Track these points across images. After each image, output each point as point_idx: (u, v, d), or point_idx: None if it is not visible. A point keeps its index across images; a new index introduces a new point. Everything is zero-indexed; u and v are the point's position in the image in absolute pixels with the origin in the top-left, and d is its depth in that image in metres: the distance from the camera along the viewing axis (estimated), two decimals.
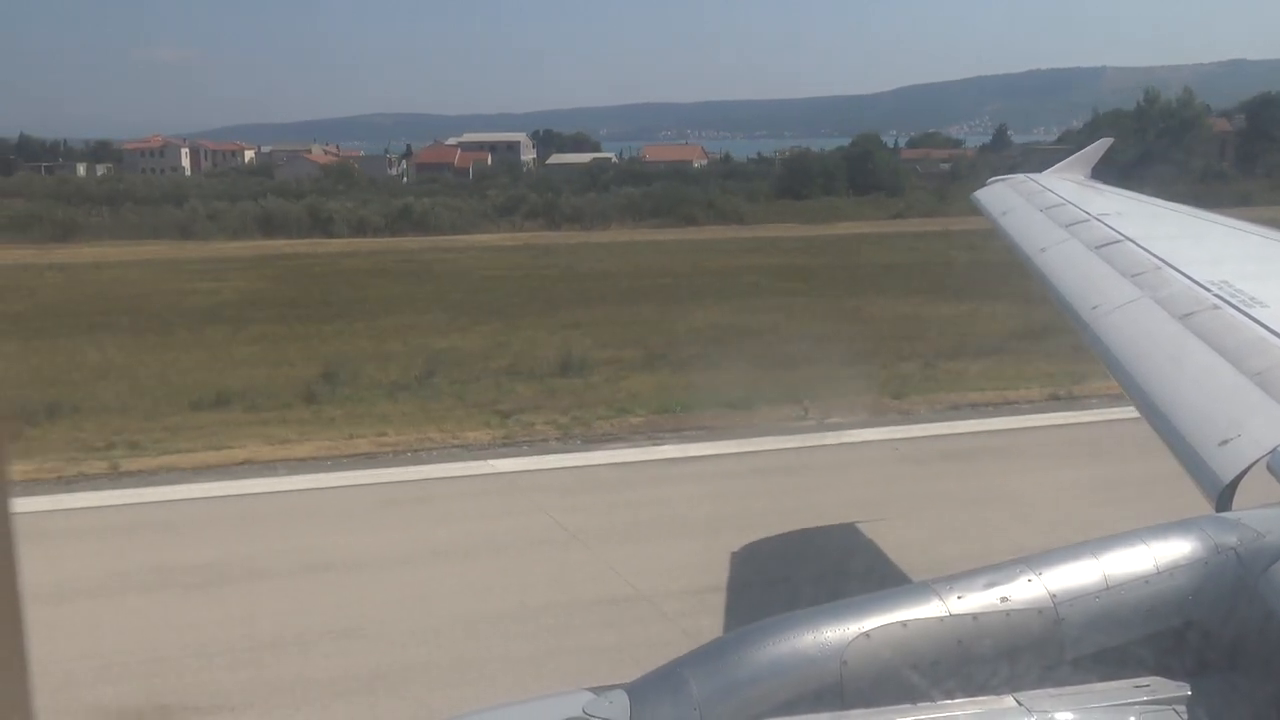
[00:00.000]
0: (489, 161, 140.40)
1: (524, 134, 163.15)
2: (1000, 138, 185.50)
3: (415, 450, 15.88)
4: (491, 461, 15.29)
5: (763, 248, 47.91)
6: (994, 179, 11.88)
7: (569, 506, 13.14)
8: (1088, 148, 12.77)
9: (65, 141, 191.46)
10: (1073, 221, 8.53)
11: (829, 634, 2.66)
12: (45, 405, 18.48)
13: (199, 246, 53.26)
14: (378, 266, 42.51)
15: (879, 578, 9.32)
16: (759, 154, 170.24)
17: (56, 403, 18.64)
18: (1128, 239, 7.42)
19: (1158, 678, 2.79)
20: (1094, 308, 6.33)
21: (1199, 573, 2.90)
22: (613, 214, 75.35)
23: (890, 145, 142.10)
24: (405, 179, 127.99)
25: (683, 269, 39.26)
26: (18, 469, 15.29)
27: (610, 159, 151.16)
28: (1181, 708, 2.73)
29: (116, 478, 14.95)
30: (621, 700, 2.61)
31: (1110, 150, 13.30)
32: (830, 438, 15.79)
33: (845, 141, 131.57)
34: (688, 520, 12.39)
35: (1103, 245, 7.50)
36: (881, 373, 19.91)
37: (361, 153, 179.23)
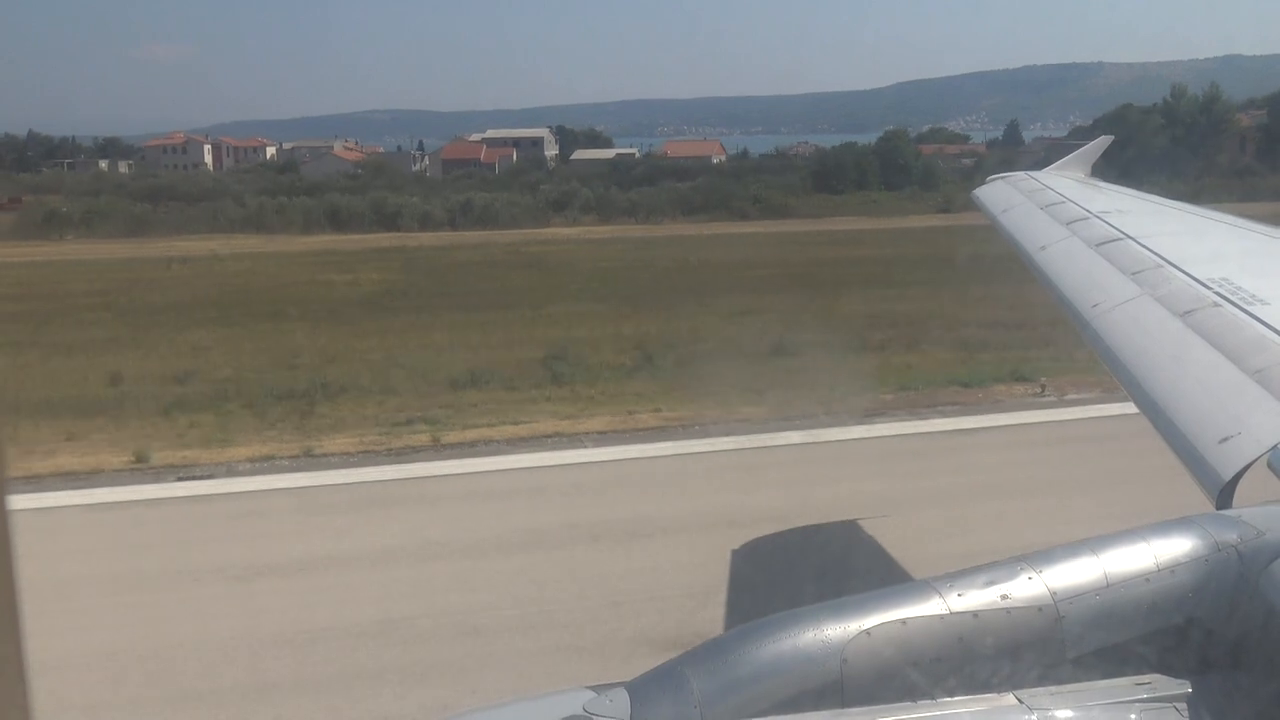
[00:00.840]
0: (514, 157, 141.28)
1: (546, 129, 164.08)
2: (1012, 133, 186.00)
3: (698, 424, 16.99)
4: (787, 434, 16.24)
5: (843, 240, 49.11)
6: (994, 177, 11.97)
7: (918, 471, 14.19)
8: (1088, 145, 12.93)
9: (74, 138, 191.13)
10: (1073, 219, 8.50)
11: (830, 632, 2.66)
12: (307, 387, 19.67)
13: (289, 240, 54.50)
14: (487, 259, 43.87)
15: None
16: (777, 149, 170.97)
17: (317, 385, 19.82)
18: (1128, 237, 7.41)
19: (1158, 675, 2.78)
20: (1094, 305, 6.31)
21: (1200, 570, 2.89)
22: (665, 208, 76.40)
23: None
24: (426, 174, 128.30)
25: (793, 260, 40.39)
26: (338, 441, 16.55)
27: (634, 154, 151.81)
28: (1182, 705, 2.71)
29: (440, 449, 16.12)
30: (622, 698, 2.61)
31: (1136, 146, 13.88)
32: (1090, 411, 16.98)
33: (843, 137, 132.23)
34: (1056, 482, 13.20)
35: (1103, 243, 7.48)
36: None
37: (381, 149, 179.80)
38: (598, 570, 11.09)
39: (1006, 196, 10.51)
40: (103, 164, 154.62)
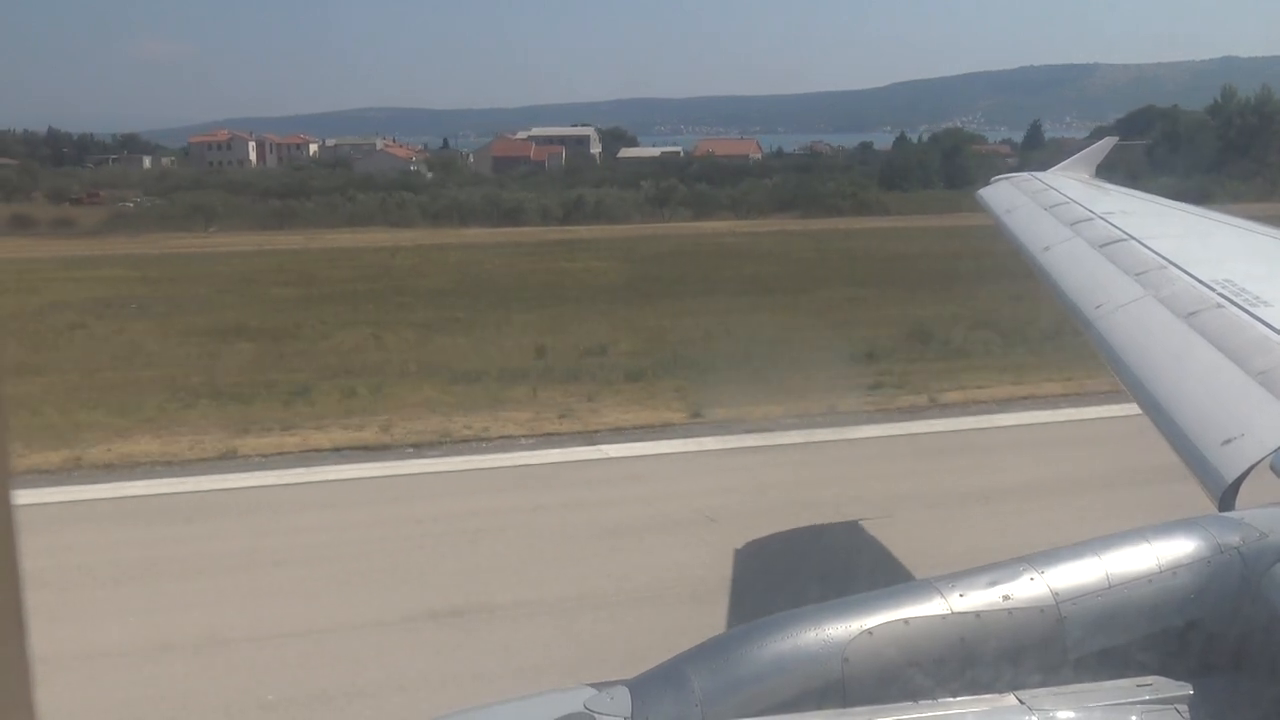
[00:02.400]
0: (563, 155, 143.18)
1: (592, 128, 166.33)
2: (1034, 134, 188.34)
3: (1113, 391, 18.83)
4: None
5: (976, 234, 50.94)
6: (998, 177, 11.93)
7: None
8: (1092, 146, 12.96)
9: (92, 135, 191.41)
10: (1077, 220, 8.49)
11: (831, 631, 2.67)
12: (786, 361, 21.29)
13: (445, 234, 56.48)
14: (678, 249, 45.92)
15: None
16: (810, 147, 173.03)
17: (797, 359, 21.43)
18: (1132, 238, 7.39)
19: (1160, 677, 2.79)
20: (1098, 306, 6.31)
21: (1202, 572, 2.89)
22: (764, 204, 78.50)
23: (893, 140, 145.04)
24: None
25: (969, 253, 42.23)
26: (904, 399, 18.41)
27: (678, 153, 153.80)
28: (1184, 707, 2.72)
29: (1007, 402, 18.11)
30: (623, 696, 2.63)
31: (1188, 147, 14.63)
32: None
33: (840, 137, 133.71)
34: None
35: (1107, 244, 7.47)
36: None
37: (420, 146, 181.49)
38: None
39: (1010, 197, 10.48)
40: (145, 161, 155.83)
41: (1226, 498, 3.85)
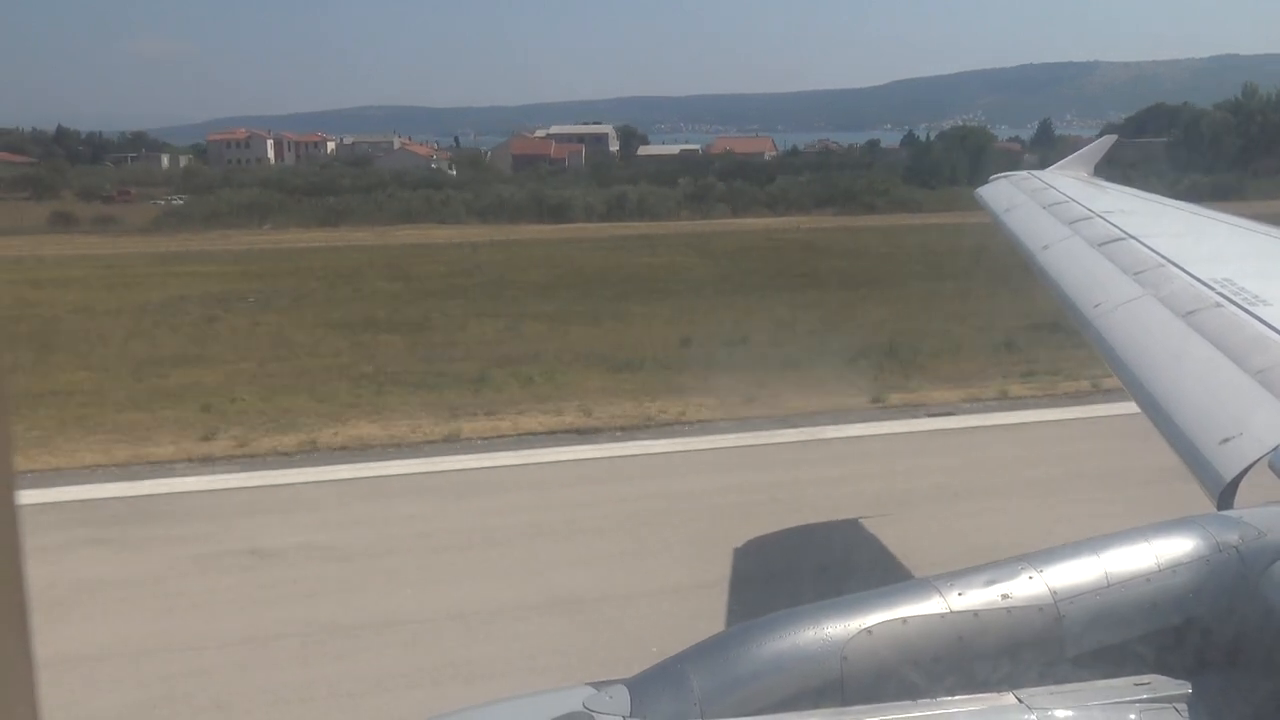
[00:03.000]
0: (583, 154, 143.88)
1: (610, 127, 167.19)
2: (1045, 131, 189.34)
3: None
4: None
5: None
6: (997, 176, 12.01)
7: None
8: (1091, 144, 12.98)
9: (100, 133, 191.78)
10: (1076, 219, 8.49)
11: (830, 630, 2.68)
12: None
13: (510, 229, 57.21)
14: (748, 245, 46.77)
15: None
16: (825, 144, 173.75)
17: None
18: (1131, 236, 7.40)
19: (1158, 676, 2.80)
20: (1096, 305, 6.32)
21: (1200, 571, 2.90)
22: (802, 201, 79.26)
23: (900, 139, 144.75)
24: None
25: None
26: None
27: (696, 151, 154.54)
28: (1182, 706, 2.73)
29: None
30: (622, 695, 2.63)
31: (1209, 144, 14.80)
32: None
33: (841, 135, 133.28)
34: None
35: (1105, 243, 7.47)
36: None
37: (435, 145, 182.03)
38: None
39: (1009, 196, 10.52)
40: (164, 159, 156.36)
41: (1225, 496, 3.84)
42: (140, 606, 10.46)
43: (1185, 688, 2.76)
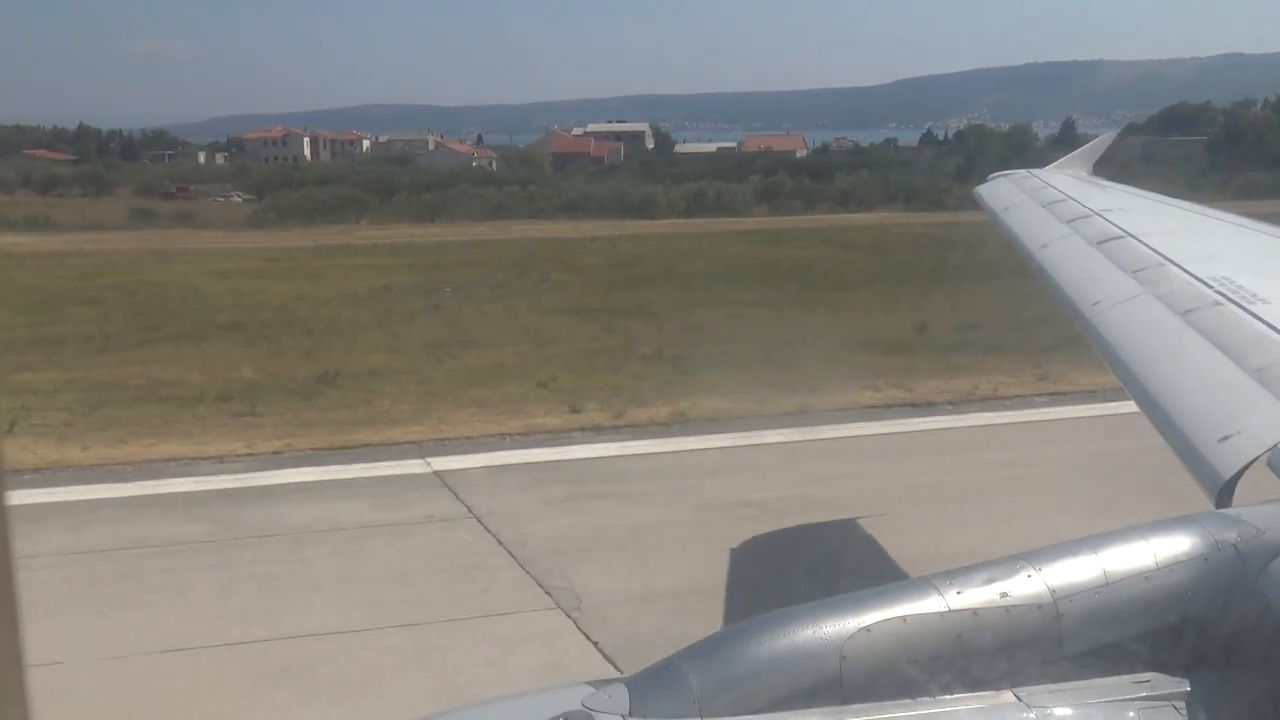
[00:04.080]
0: (622, 151, 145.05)
1: (647, 125, 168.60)
2: (1068, 130, 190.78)
3: None
4: None
5: None
6: (995, 174, 11.97)
7: None
8: (1091, 143, 12.97)
9: (121, 130, 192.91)
10: (1074, 217, 8.51)
11: (829, 629, 2.70)
12: None
13: (614, 225, 58.14)
14: (877, 239, 47.31)
15: None
16: (854, 143, 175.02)
17: None
18: (1129, 235, 7.42)
19: (1157, 674, 2.81)
20: (1095, 304, 6.35)
21: (1198, 569, 2.92)
22: (874, 198, 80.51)
23: (911, 138, 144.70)
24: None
25: None
26: None
27: (733, 148, 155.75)
28: (1181, 704, 2.75)
29: None
30: (620, 693, 2.65)
31: (1253, 144, 14.34)
32: None
33: (846, 134, 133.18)
34: None
35: (1104, 241, 7.48)
36: None
37: (467, 142, 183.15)
38: None
39: (1008, 194, 10.57)
40: (200, 156, 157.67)
41: (1223, 494, 3.84)
42: (700, 547, 11.68)
43: (1184, 685, 2.77)
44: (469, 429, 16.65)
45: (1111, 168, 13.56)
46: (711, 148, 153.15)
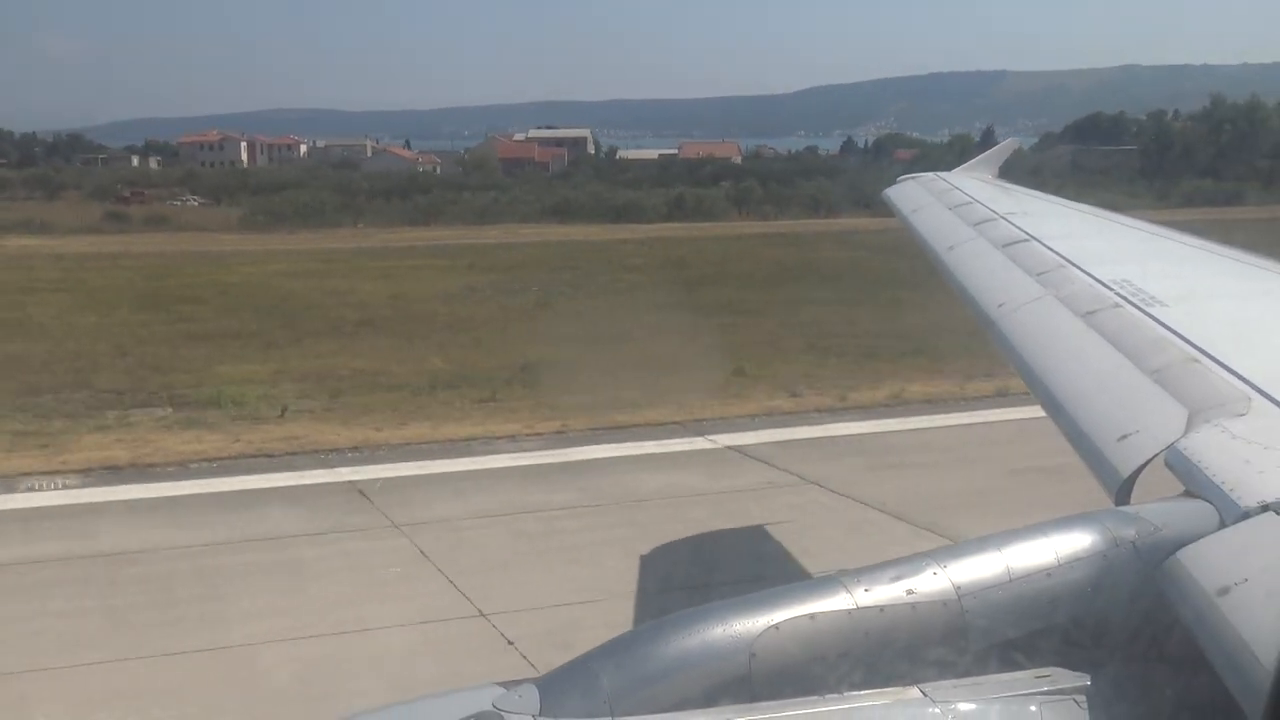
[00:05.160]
0: (565, 157, 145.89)
1: (588, 129, 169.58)
2: (988, 138, 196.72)
3: None
4: None
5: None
6: (904, 177, 12.14)
7: None
8: (995, 147, 13.24)
9: (34, 133, 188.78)
10: (980, 220, 8.62)
11: (738, 627, 2.71)
12: None
13: (604, 230, 59.25)
14: (891, 243, 48.93)
15: None
16: (789, 150, 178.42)
17: None
18: (1033, 238, 7.55)
19: (1058, 668, 2.86)
20: (1000, 305, 6.45)
21: (1098, 565, 2.97)
22: (841, 203, 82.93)
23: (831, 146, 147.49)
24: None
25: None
26: None
27: (675, 154, 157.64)
28: (1081, 698, 2.79)
29: None
30: (531, 694, 2.64)
31: (1182, 154, 15.68)
32: None
33: (757, 141, 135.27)
34: None
35: (1009, 244, 7.61)
36: None
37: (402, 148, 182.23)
38: None
39: (916, 196, 10.63)
40: (134, 160, 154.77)
41: (1122, 492, 3.91)
42: (1050, 504, 13.09)
43: (1084, 680, 2.81)
44: (709, 411, 17.79)
45: (1043, 177, 14.97)
46: (653, 154, 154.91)
